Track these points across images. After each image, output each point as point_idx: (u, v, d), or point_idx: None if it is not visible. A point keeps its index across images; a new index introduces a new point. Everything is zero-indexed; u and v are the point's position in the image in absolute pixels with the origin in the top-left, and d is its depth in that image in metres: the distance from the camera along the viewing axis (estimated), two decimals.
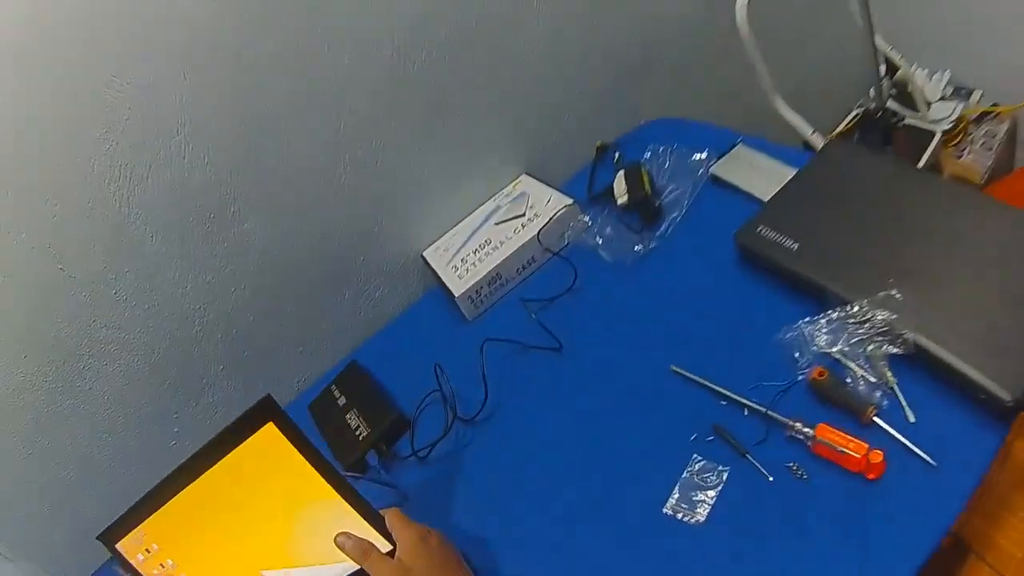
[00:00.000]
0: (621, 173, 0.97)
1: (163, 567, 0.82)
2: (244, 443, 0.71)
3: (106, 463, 1.10)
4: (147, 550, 0.81)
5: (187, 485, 0.75)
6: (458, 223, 1.07)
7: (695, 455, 0.71)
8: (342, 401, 0.99)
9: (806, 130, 1.05)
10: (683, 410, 0.75)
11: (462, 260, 0.98)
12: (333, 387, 1.01)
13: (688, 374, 0.77)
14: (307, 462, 0.71)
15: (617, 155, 1.02)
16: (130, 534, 0.80)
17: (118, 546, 0.80)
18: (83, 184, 0.84)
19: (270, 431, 0.70)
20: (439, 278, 0.99)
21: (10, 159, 0.80)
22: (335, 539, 0.72)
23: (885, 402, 0.68)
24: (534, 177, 1.07)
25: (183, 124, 0.85)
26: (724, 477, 0.69)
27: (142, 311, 0.98)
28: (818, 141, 1.05)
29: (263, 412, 0.69)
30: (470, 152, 1.06)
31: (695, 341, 0.80)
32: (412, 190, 1.04)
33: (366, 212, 1.02)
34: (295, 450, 0.70)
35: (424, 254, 1.06)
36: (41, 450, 1.03)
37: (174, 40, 0.80)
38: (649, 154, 0.99)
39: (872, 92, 1.14)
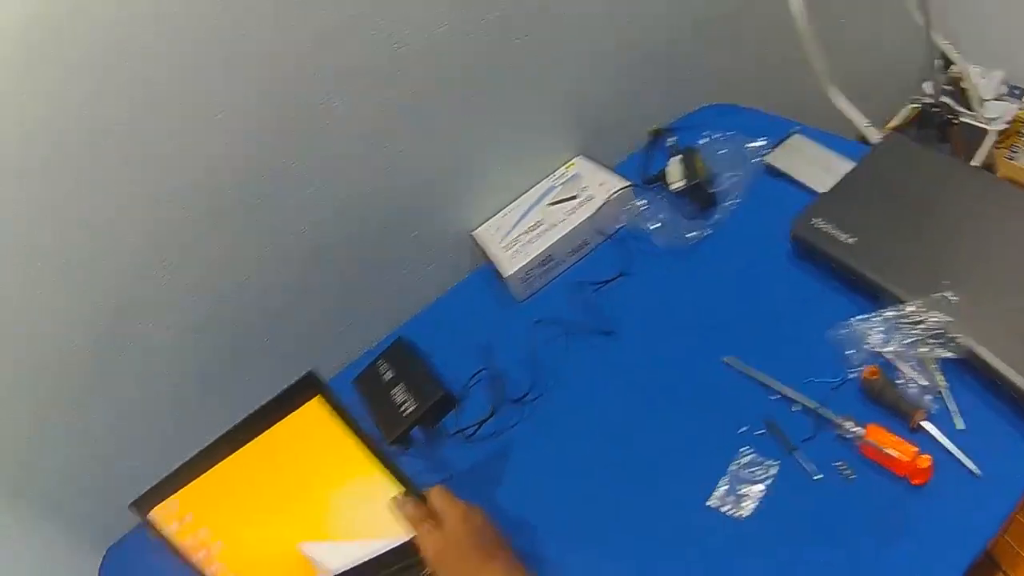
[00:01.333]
0: (676, 158, 0.97)
1: (197, 537, 0.83)
2: (288, 416, 0.72)
3: (141, 431, 1.12)
4: (181, 520, 0.82)
5: (227, 456, 0.77)
6: (510, 203, 1.07)
7: (743, 448, 0.72)
8: (388, 376, 0.99)
9: (861, 121, 1.03)
10: (733, 402, 0.75)
11: (514, 240, 0.99)
12: (380, 362, 1.02)
13: (740, 365, 0.78)
14: (352, 436, 0.72)
15: (672, 140, 1.01)
16: (164, 503, 0.81)
17: (151, 515, 0.81)
18: (127, 152, 0.86)
19: (316, 405, 0.71)
20: (489, 257, 1.00)
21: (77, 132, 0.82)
22: (393, 500, 0.73)
23: (935, 406, 0.68)
24: (588, 159, 1.06)
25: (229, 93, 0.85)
26: (772, 472, 0.70)
27: (188, 281, 1.00)
28: (872, 133, 1.04)
29: (309, 385, 0.70)
30: (524, 132, 1.06)
31: (747, 332, 0.80)
32: (465, 167, 1.04)
33: (419, 188, 1.03)
34: (340, 424, 0.71)
35: (474, 233, 1.07)
36: (77, 415, 1.06)
37: None
38: (704, 140, 0.98)
39: (926, 87, 1.13)
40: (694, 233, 0.90)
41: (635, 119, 1.10)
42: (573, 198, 0.99)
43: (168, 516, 0.82)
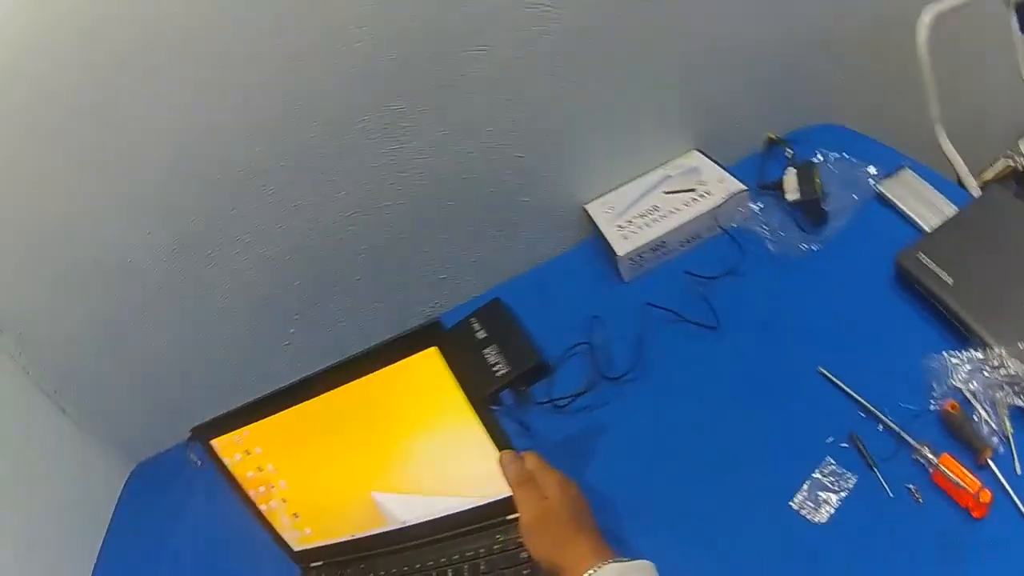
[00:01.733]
0: (793, 171, 1.02)
1: (260, 470, 0.85)
2: (397, 363, 0.73)
3: (210, 349, 1.18)
4: (246, 452, 0.84)
5: (315, 395, 0.77)
6: (624, 184, 1.13)
7: (828, 457, 0.78)
8: (482, 335, 1.04)
9: (962, 168, 1.09)
10: (823, 412, 0.82)
11: (628, 221, 1.05)
12: (473, 320, 1.06)
13: (834, 378, 0.84)
14: (460, 393, 0.73)
15: (790, 152, 1.07)
16: (231, 434, 0.83)
17: (213, 442, 0.83)
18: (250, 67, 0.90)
19: (431, 356, 0.72)
20: (601, 233, 1.06)
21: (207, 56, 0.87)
22: (500, 456, 0.74)
23: (1001, 448, 0.74)
24: (704, 154, 1.12)
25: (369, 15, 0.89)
26: (850, 484, 0.76)
27: (287, 208, 1.04)
28: (971, 181, 1.10)
29: (429, 335, 0.71)
30: (644, 117, 1.10)
31: (843, 348, 0.86)
32: (583, 139, 1.09)
33: (534, 150, 1.07)
34: (452, 380, 0.72)
35: (586, 207, 1.12)
36: (149, 321, 1.12)
37: None
38: (821, 158, 1.04)
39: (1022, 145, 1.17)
40: (804, 246, 0.95)
41: (752, 123, 1.14)
42: (691, 191, 1.05)
43: (231, 447, 0.84)
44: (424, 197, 1.08)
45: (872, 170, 1.00)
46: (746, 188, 1.01)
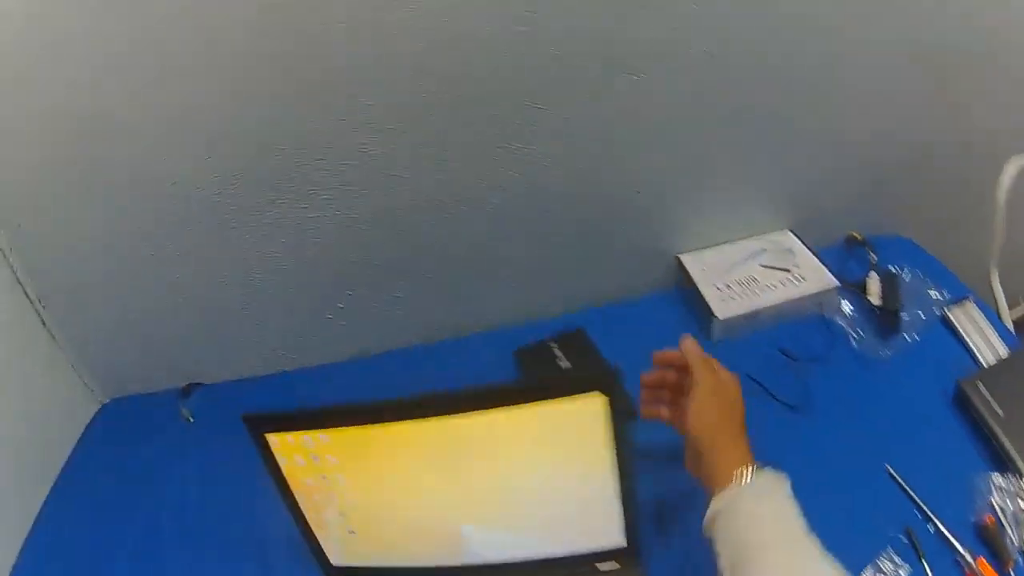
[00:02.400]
0: (876, 276, 1.13)
1: (324, 479, 0.78)
2: (553, 400, 0.69)
3: (233, 297, 1.14)
4: (313, 457, 0.77)
5: (440, 415, 0.71)
6: (719, 244, 1.22)
7: (888, 546, 0.88)
8: (563, 364, 1.07)
9: (1003, 305, 1.24)
10: (886, 504, 0.92)
11: (727, 285, 1.13)
12: (553, 343, 1.10)
13: (898, 476, 0.95)
14: (610, 446, 0.71)
15: (874, 257, 1.18)
16: (297, 433, 0.75)
17: (270, 437, 0.76)
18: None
19: (595, 402, 0.69)
20: (696, 288, 1.14)
21: None
22: (684, 337, 0.82)
23: (1021, 561, 0.87)
24: (797, 236, 1.21)
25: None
26: (904, 574, 0.87)
27: (381, 174, 1.02)
28: (1006, 314, 1.24)
29: (602, 381, 0.68)
30: (745, 185, 1.18)
31: (907, 451, 0.96)
32: (687, 192, 1.16)
33: (642, 188, 1.12)
34: (607, 431, 0.70)
35: (680, 257, 1.20)
36: (170, 251, 1.07)
37: None
38: (897, 270, 1.15)
39: None
40: (882, 351, 1.06)
41: (837, 218, 1.25)
42: (786, 271, 1.14)
43: (294, 448, 0.77)
44: (524, 201, 1.09)
45: (943, 293, 1.12)
46: (839, 284, 1.11)
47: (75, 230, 1.05)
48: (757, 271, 1.15)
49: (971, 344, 1.09)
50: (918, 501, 0.93)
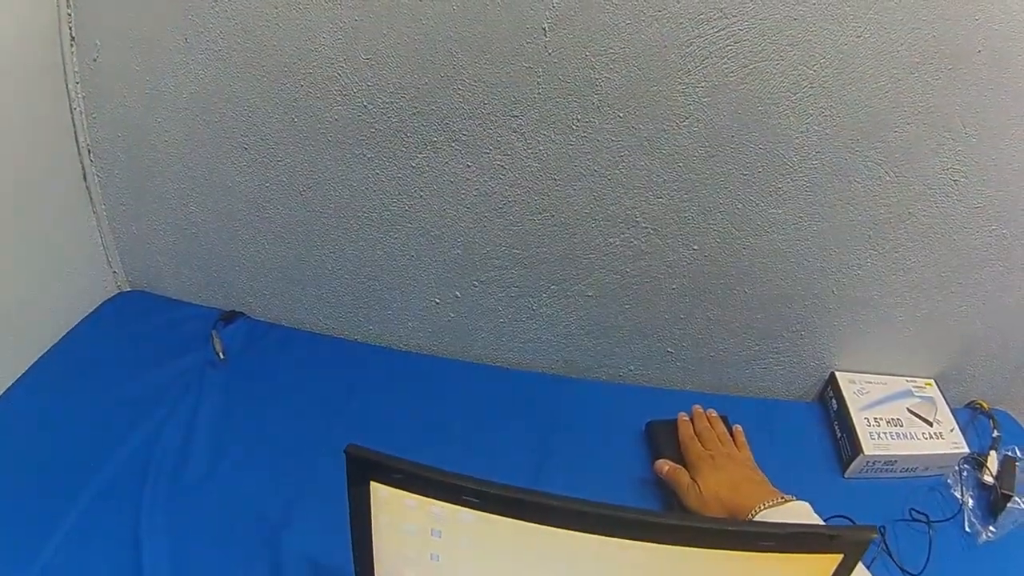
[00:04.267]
0: (995, 455, 1.15)
1: (435, 560, 0.66)
2: (784, 555, 0.61)
3: (337, 245, 1.07)
4: (433, 532, 0.64)
5: (625, 536, 0.60)
6: (873, 373, 1.21)
7: None
8: None
9: None
10: None
11: (875, 420, 1.13)
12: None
13: None
14: None
15: (996, 433, 1.19)
16: (430, 499, 0.61)
17: (380, 486, 0.62)
18: None
19: (827, 562, 0.62)
20: (847, 412, 1.14)
21: None
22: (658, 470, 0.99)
23: None
24: (938, 387, 1.22)
25: None
26: None
27: (578, 168, 0.98)
28: None
29: (850, 542, 0.61)
30: (905, 325, 1.18)
31: None
32: (854, 304, 1.15)
33: (820, 294, 1.12)
34: None
35: (837, 373, 1.19)
36: (293, 173, 1.00)
37: None
38: (1014, 454, 1.18)
39: None
40: (987, 533, 1.09)
41: (973, 382, 1.27)
42: (930, 423, 1.13)
43: (409, 511, 0.63)
44: (694, 263, 1.09)
45: None
46: (969, 452, 1.11)
47: (158, 68, 0.92)
48: (904, 414, 1.14)
49: None
50: None
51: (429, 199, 1.03)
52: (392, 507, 0.63)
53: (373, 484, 0.62)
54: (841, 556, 0.62)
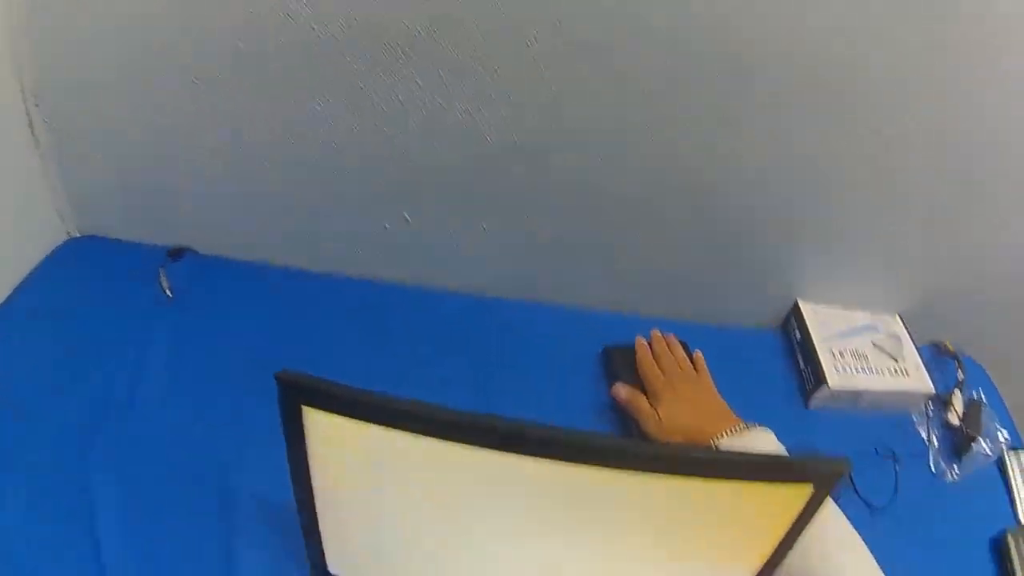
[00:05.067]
0: (961, 397, 1.12)
1: (376, 491, 0.61)
2: (750, 483, 0.57)
3: (284, 171, 1.02)
4: (365, 456, 0.58)
5: (592, 463, 0.54)
6: (837, 306, 1.17)
7: None
8: None
9: None
10: None
11: (840, 352, 1.08)
12: None
13: None
14: (776, 539, 0.60)
15: (962, 375, 1.16)
16: (354, 420, 0.54)
17: (308, 410, 0.56)
18: None
19: (797, 493, 0.57)
20: (811, 343, 1.09)
21: None
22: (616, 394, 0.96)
23: None
24: (903, 323, 1.18)
25: None
26: None
27: (539, 103, 0.93)
28: None
29: (821, 471, 0.56)
30: (888, 253, 1.14)
31: None
32: (823, 233, 1.10)
33: (785, 216, 1.07)
34: (787, 523, 0.59)
35: (800, 302, 1.15)
36: (241, 98, 0.94)
37: None
38: (981, 399, 1.14)
39: None
40: (951, 474, 1.05)
41: (939, 321, 1.23)
42: (895, 359, 1.10)
43: (344, 438, 0.57)
44: (667, 191, 1.04)
45: (1005, 436, 1.12)
46: (935, 392, 1.07)
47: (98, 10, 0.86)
48: (870, 349, 1.10)
49: (1018, 495, 1.08)
50: None
51: (377, 119, 0.96)
52: (328, 435, 0.57)
53: (306, 410, 0.56)
54: (811, 488, 0.57)
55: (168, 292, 1.02)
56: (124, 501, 0.80)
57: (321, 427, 0.56)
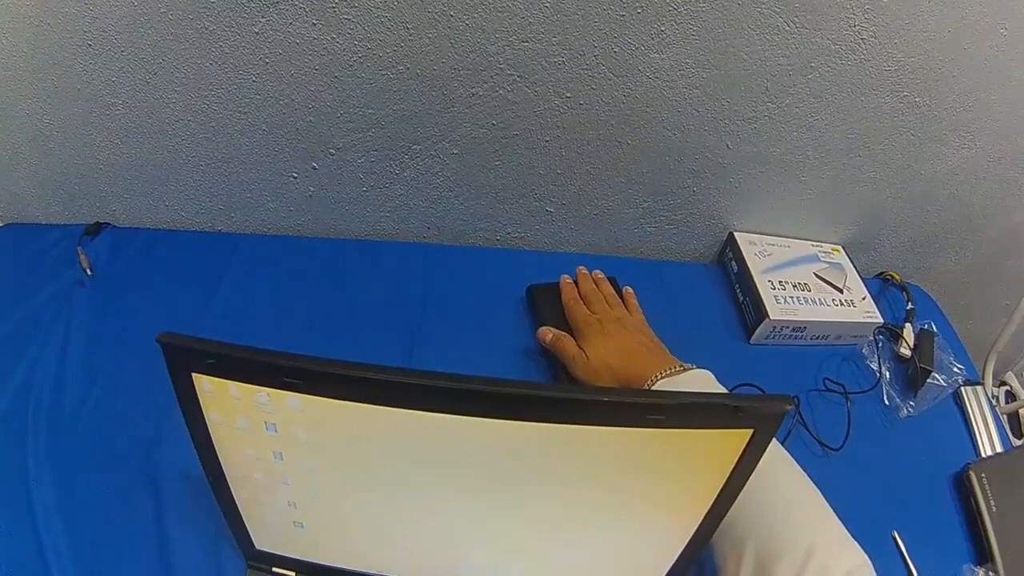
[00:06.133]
0: (912, 330, 1.05)
1: (278, 457, 0.56)
2: (691, 430, 0.52)
3: (189, 132, 0.98)
4: (266, 423, 0.53)
5: (511, 417, 0.49)
6: (777, 236, 1.10)
7: None
8: None
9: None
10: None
11: (781, 283, 1.01)
12: None
13: (902, 546, 0.88)
14: (718, 484, 0.55)
15: (911, 306, 1.09)
16: (251, 386, 0.50)
17: (198, 377, 0.51)
18: None
19: (736, 437, 0.52)
20: (749, 275, 1.02)
21: None
22: (541, 338, 0.89)
23: None
24: (847, 256, 1.12)
25: None
26: None
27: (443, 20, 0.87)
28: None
29: (763, 415, 0.51)
30: (812, 189, 1.08)
31: (912, 521, 0.90)
32: (757, 159, 1.04)
33: (708, 153, 1.01)
34: (728, 467, 0.54)
35: (736, 234, 1.07)
36: (136, 60, 0.91)
37: None
38: (925, 326, 1.08)
39: None
40: (906, 409, 0.98)
41: (882, 252, 1.18)
42: (839, 290, 1.03)
43: (236, 403, 0.52)
44: (569, 113, 0.96)
45: (960, 370, 1.05)
46: (883, 322, 1.01)
47: None
48: (812, 279, 1.03)
49: (975, 430, 1.03)
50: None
51: (275, 65, 0.91)
52: (219, 400, 0.52)
53: (195, 376, 0.51)
54: (751, 431, 0.52)
55: (88, 270, 0.99)
56: (58, 480, 0.79)
57: (210, 392, 0.52)
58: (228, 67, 0.90)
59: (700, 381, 0.77)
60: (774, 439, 0.53)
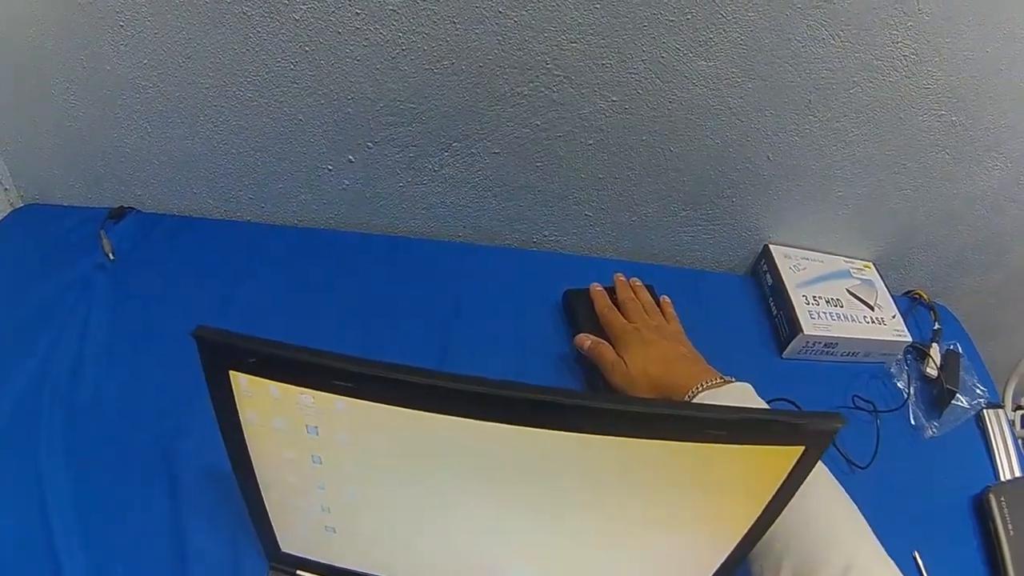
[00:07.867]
0: (938, 349, 1.05)
1: (316, 461, 0.55)
2: (742, 446, 0.51)
3: (223, 118, 0.97)
4: (308, 428, 0.51)
5: (574, 430, 0.48)
6: (810, 250, 1.10)
7: None
8: None
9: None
10: None
11: (815, 298, 1.01)
12: None
13: (922, 567, 0.88)
14: (764, 501, 0.55)
15: (938, 326, 1.09)
16: (295, 387, 0.48)
17: (239, 376, 0.49)
18: None
19: (787, 455, 0.52)
20: (784, 288, 1.02)
21: None
22: (579, 345, 0.88)
23: None
24: (879, 273, 1.12)
25: None
26: None
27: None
28: None
29: (815, 432, 0.50)
30: (845, 206, 1.08)
31: (935, 543, 0.90)
32: (795, 180, 1.04)
33: (759, 159, 1.01)
34: (776, 483, 0.53)
35: (771, 246, 1.07)
36: (169, 44, 0.90)
37: None
38: (958, 350, 1.08)
39: None
40: (930, 428, 0.98)
41: (912, 271, 1.17)
42: (871, 307, 1.03)
43: (275, 404, 0.50)
44: (614, 116, 0.96)
45: (982, 393, 1.06)
46: (912, 341, 1.01)
47: None
48: (844, 295, 1.03)
49: (995, 453, 1.03)
50: None
51: (314, 54, 0.90)
52: (257, 400, 0.50)
53: (233, 374, 0.49)
54: (803, 448, 0.51)
55: (110, 255, 0.98)
56: (73, 472, 0.77)
57: (248, 391, 0.50)
58: (265, 54, 0.89)
59: (742, 395, 0.76)
60: None
